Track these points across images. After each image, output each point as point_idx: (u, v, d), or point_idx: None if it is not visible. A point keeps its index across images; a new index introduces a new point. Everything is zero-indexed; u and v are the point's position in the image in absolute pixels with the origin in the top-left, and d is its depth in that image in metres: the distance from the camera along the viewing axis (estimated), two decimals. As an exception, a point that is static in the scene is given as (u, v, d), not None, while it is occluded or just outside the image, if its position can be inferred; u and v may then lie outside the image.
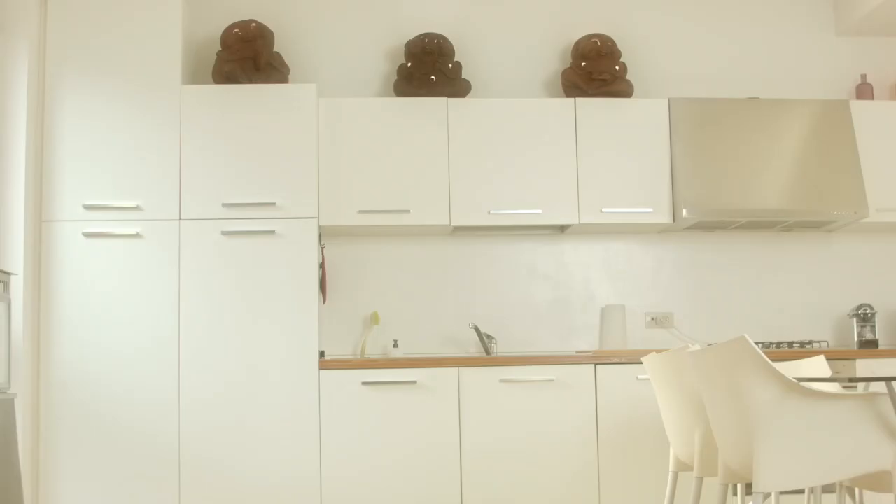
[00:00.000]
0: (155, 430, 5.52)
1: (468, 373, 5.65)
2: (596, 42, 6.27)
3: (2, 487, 4.20)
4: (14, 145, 5.46)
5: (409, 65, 6.20)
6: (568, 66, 6.36)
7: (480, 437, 5.61)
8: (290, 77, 6.14)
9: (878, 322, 6.37)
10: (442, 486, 5.57)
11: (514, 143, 6.06)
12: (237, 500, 5.48)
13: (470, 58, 6.45)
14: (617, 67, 6.25)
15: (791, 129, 6.19)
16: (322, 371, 5.59)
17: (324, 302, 6.08)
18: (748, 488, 4.85)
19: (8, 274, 4.72)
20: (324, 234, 6.06)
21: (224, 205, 5.66)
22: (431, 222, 6.00)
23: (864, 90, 6.55)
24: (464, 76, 6.28)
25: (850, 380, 3.48)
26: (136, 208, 5.59)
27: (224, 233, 5.64)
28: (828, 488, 4.35)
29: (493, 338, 6.22)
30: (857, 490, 4.14)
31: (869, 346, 6.23)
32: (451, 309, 6.33)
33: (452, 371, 5.64)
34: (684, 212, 5.97)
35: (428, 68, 6.16)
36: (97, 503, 5.48)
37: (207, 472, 5.50)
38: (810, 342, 6.17)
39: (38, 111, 5.61)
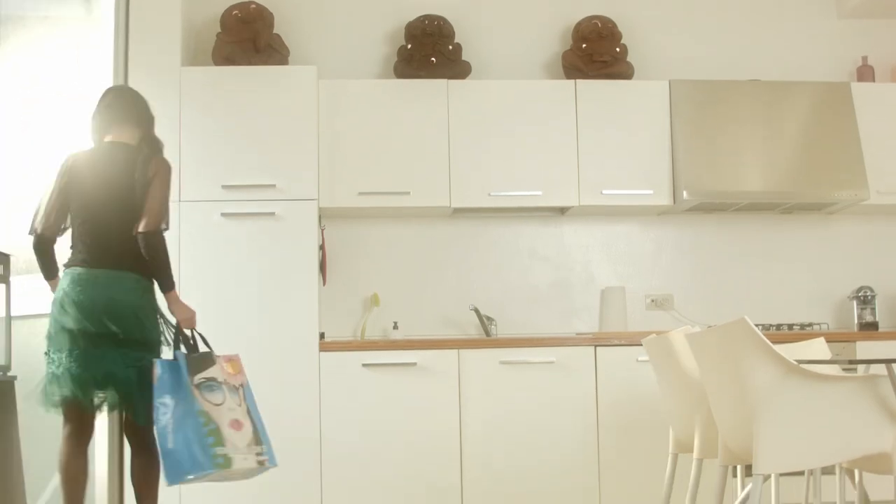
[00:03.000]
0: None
1: (468, 354, 5.65)
2: (596, 24, 6.25)
3: (3, 470, 4.20)
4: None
5: (409, 46, 6.19)
6: (568, 47, 6.34)
7: (480, 419, 5.61)
8: (290, 59, 6.12)
9: (879, 304, 6.37)
10: (442, 468, 5.57)
11: (515, 125, 6.05)
12: (237, 483, 5.48)
13: (470, 39, 6.43)
14: (617, 49, 6.24)
15: (792, 112, 6.18)
16: (322, 353, 5.59)
17: (324, 284, 6.07)
18: (748, 470, 4.85)
19: (7, 255, 4.71)
20: (324, 215, 6.06)
21: (224, 186, 5.66)
22: (431, 204, 6.00)
23: (865, 72, 6.53)
24: (464, 58, 6.27)
25: (850, 362, 3.49)
26: (136, 190, 5.58)
27: (224, 214, 5.63)
28: (827, 470, 4.35)
29: (493, 319, 6.22)
30: (856, 472, 4.15)
31: (869, 328, 6.23)
32: (451, 290, 6.33)
33: (452, 353, 5.65)
34: (685, 194, 5.97)
35: (428, 50, 6.15)
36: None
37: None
38: (810, 324, 6.17)
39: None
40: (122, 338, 4.27)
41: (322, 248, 6.04)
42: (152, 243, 4.34)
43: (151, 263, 4.35)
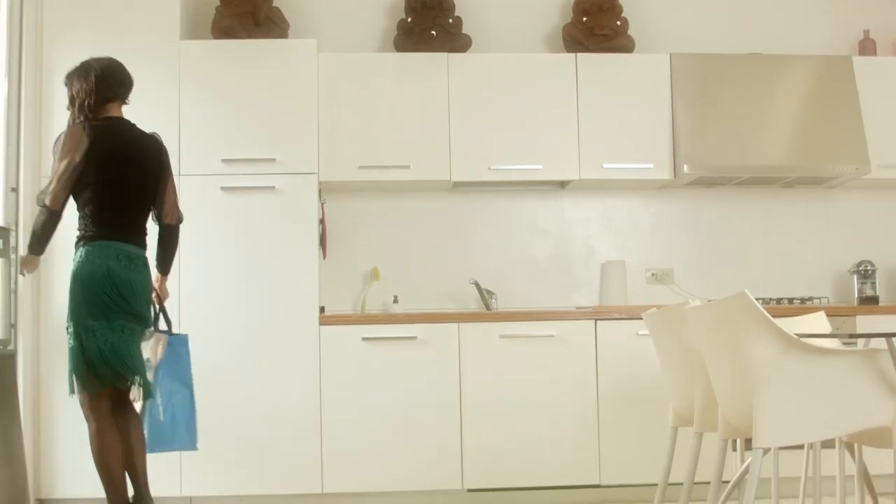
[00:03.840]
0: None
1: (468, 328, 5.65)
2: (597, -3, 6.24)
3: (3, 442, 4.21)
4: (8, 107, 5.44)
5: (410, 20, 6.17)
6: (569, 20, 6.32)
7: (480, 393, 5.62)
8: (290, 32, 6.10)
9: (879, 278, 6.37)
10: (442, 441, 5.58)
11: (515, 99, 6.03)
12: (237, 455, 5.50)
13: (470, 12, 6.40)
14: (618, 22, 6.22)
15: (793, 85, 6.17)
16: (322, 326, 5.59)
17: (324, 258, 6.07)
18: (748, 443, 4.86)
19: (8, 230, 4.71)
20: (324, 189, 6.05)
21: (224, 160, 5.65)
22: (432, 178, 5.99)
23: (866, 46, 6.51)
24: (464, 31, 6.24)
25: (851, 336, 3.49)
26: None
27: (224, 188, 5.62)
28: (827, 444, 4.36)
29: (493, 293, 6.22)
30: (856, 446, 4.16)
31: (869, 302, 6.23)
32: (452, 264, 6.33)
33: (452, 326, 5.65)
34: (685, 168, 5.96)
35: (428, 23, 6.13)
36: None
37: (207, 426, 5.50)
38: (811, 298, 6.17)
39: (35, 66, 5.58)
40: (135, 314, 4.45)
41: (322, 221, 6.03)
42: (176, 234, 4.72)
43: (169, 251, 4.69)
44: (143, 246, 4.57)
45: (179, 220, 4.74)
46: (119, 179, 4.48)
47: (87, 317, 4.34)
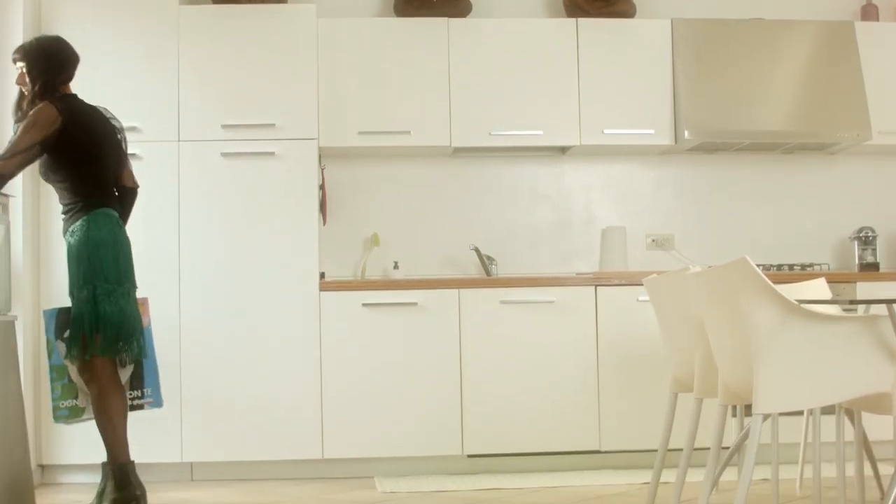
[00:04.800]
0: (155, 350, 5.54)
1: (468, 294, 5.65)
2: (598, -39, 6.20)
3: (3, 409, 4.21)
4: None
5: (410, -16, 6.13)
6: (570, -15, 6.29)
7: (480, 359, 5.63)
8: (289, -4, 6.07)
9: (880, 245, 6.37)
10: (442, 407, 5.59)
11: (516, 64, 6.01)
12: (238, 420, 5.51)
13: (471, -23, 6.37)
14: (619, -13, 6.19)
15: (795, 51, 6.14)
16: (322, 293, 5.59)
17: (324, 224, 6.06)
18: (748, 409, 4.86)
19: (7, 196, 4.70)
20: (324, 155, 6.03)
21: (223, 126, 5.63)
22: (432, 143, 5.98)
23: (869, 11, 6.47)
24: (465, -4, 6.21)
25: (851, 302, 3.49)
26: (135, 129, 5.55)
27: (223, 154, 5.61)
28: (827, 410, 4.36)
29: (493, 259, 6.22)
30: (855, 412, 4.16)
31: (870, 269, 6.23)
32: (452, 230, 6.32)
33: (453, 292, 5.65)
34: (686, 133, 5.94)
35: (428, -12, 6.10)
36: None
37: (208, 392, 5.53)
38: (811, 265, 6.17)
39: (34, 33, 5.55)
40: (133, 277, 4.69)
41: (322, 187, 6.02)
42: (135, 197, 4.88)
43: (128, 212, 4.85)
44: None
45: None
46: (101, 152, 4.67)
47: (104, 280, 4.47)
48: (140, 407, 4.75)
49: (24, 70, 4.62)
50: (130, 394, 4.71)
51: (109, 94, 5.51)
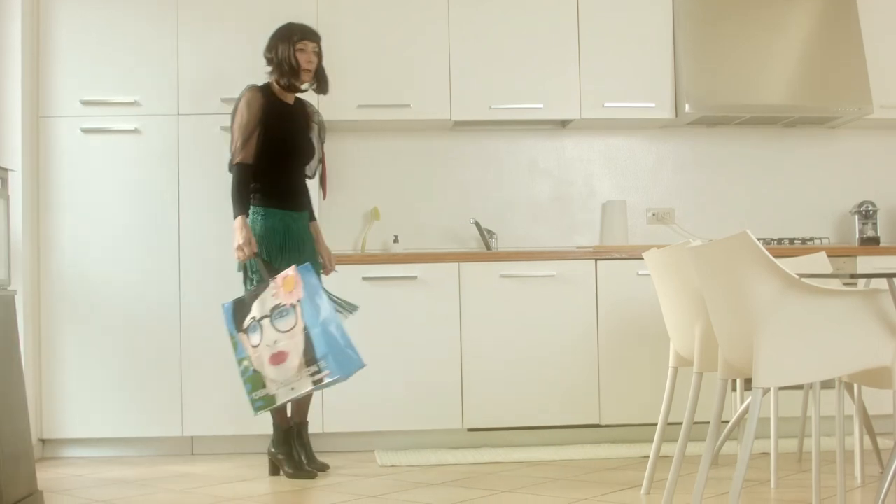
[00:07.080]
0: (156, 325, 5.55)
1: (469, 268, 5.65)
2: (599, -67, 6.17)
3: (4, 383, 4.21)
4: (10, 41, 5.40)
5: (410, -44, 6.10)
6: (571, -42, 6.26)
7: (481, 333, 5.63)
8: (289, -31, 6.04)
9: (880, 219, 6.36)
10: (442, 381, 5.60)
11: (516, 37, 5.99)
12: (235, 395, 5.51)
13: (471, -51, 6.34)
14: (620, -41, 6.16)
15: (796, 24, 6.12)
16: (322, 267, 5.58)
17: (324, 197, 6.04)
18: (748, 384, 4.87)
19: (6, 170, 4.68)
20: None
21: (223, 100, 5.61)
22: (432, 117, 5.96)
23: (871, -16, 6.45)
24: (465, -32, 6.19)
25: (852, 276, 3.47)
26: (135, 104, 5.54)
27: (223, 128, 5.58)
28: (827, 384, 4.37)
29: (493, 233, 6.21)
30: (855, 386, 4.17)
31: (870, 243, 6.23)
32: (452, 204, 6.31)
33: (453, 266, 5.64)
34: (687, 107, 5.93)
35: (429, -41, 6.07)
36: (99, 396, 5.52)
37: (208, 364, 5.53)
38: (812, 239, 6.16)
39: (33, 5, 5.53)
40: None
41: (322, 161, 5.99)
42: None
43: None
44: None
45: None
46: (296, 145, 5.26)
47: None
48: (320, 381, 4.48)
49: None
50: (308, 370, 4.47)
51: (108, 67, 5.51)
